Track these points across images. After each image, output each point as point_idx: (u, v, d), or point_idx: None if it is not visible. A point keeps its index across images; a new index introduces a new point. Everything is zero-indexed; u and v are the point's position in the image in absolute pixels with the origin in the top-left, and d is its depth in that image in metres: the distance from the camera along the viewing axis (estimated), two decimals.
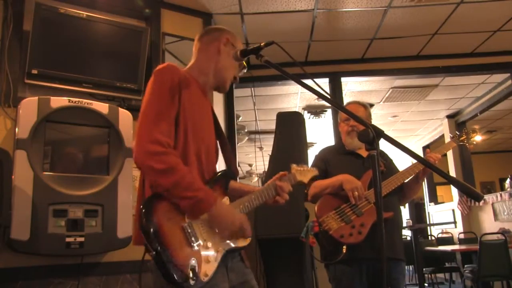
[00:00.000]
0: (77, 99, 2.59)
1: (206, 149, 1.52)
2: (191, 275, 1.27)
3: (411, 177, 2.22)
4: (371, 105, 6.53)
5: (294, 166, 1.72)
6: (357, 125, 2.27)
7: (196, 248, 1.32)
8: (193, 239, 1.33)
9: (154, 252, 1.25)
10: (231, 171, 1.62)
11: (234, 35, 1.67)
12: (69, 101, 2.56)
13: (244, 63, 1.66)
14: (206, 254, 1.34)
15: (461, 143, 2.39)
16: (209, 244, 1.37)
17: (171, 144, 1.36)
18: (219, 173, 1.54)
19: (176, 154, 1.36)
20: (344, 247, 2.02)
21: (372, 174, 2.15)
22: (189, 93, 1.47)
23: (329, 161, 2.32)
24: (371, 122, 2.27)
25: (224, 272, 1.42)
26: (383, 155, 2.32)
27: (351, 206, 2.10)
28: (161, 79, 1.44)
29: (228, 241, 1.42)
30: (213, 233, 1.39)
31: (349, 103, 2.45)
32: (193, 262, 1.29)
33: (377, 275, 2.07)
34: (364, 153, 2.30)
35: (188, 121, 1.44)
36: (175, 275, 1.24)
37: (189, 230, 1.33)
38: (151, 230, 1.26)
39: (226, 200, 1.50)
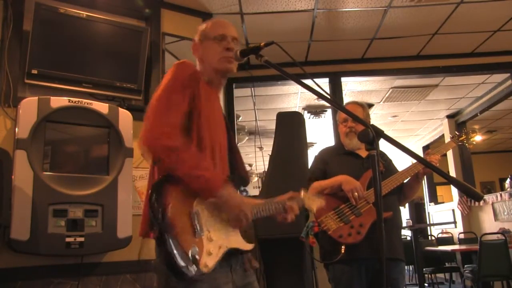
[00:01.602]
0: (77, 99, 2.59)
1: (219, 149, 1.52)
2: (191, 262, 1.25)
3: (410, 177, 2.22)
4: (371, 105, 6.53)
5: (304, 192, 1.73)
6: (355, 126, 2.28)
7: (199, 237, 1.32)
8: (198, 227, 1.32)
9: (158, 233, 1.25)
10: (242, 177, 1.62)
11: (202, 28, 1.66)
12: (69, 101, 2.56)
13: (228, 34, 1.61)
14: (209, 246, 1.33)
15: (461, 143, 2.39)
16: (213, 237, 1.36)
17: (179, 133, 1.37)
18: (230, 177, 1.53)
19: (185, 140, 1.37)
20: (342, 247, 2.02)
21: (371, 174, 2.17)
22: (204, 93, 1.49)
23: (328, 162, 2.32)
24: (369, 122, 2.27)
25: (228, 272, 1.42)
26: (382, 156, 2.32)
27: (350, 207, 2.11)
28: (178, 71, 1.48)
29: (232, 240, 1.42)
30: (220, 226, 1.39)
31: (347, 104, 2.45)
32: (195, 250, 1.28)
33: (376, 275, 2.07)
34: (363, 153, 2.30)
35: (203, 120, 1.46)
36: (176, 259, 1.23)
37: (196, 218, 1.33)
38: (160, 209, 1.26)
39: None
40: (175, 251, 1.24)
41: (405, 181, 2.24)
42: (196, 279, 1.27)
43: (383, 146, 1.65)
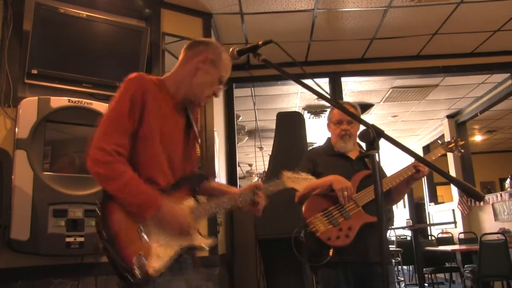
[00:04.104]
0: (77, 99, 2.59)
1: (175, 155, 1.57)
2: (136, 268, 1.33)
3: (400, 181, 2.19)
4: (371, 105, 6.54)
5: (286, 172, 1.75)
6: (350, 128, 2.25)
7: (147, 244, 1.39)
8: (145, 235, 1.40)
9: (103, 245, 1.34)
10: (201, 173, 1.69)
11: (218, 52, 1.65)
12: (69, 101, 2.56)
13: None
14: (157, 250, 1.40)
15: (450, 151, 2.38)
16: (163, 240, 1.42)
17: (121, 152, 1.42)
18: (185, 176, 1.60)
19: (124, 162, 1.42)
20: (330, 249, 2.01)
21: (361, 177, 2.17)
22: (156, 104, 1.52)
23: (318, 162, 2.29)
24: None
25: (177, 272, 1.47)
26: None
27: (339, 209, 2.08)
28: (126, 89, 1.51)
29: (183, 238, 1.47)
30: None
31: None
32: (141, 256, 1.35)
33: (363, 277, 2.08)
34: (353, 155, 2.28)
35: (153, 131, 1.50)
36: (119, 268, 1.34)
37: (142, 226, 1.40)
38: (103, 223, 1.37)
39: (190, 200, 1.55)
40: (118, 261, 1.34)
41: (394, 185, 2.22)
42: (145, 282, 1.35)
43: (384, 146, 1.65)
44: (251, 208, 1.65)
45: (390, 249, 6.84)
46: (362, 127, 1.58)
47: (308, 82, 1.48)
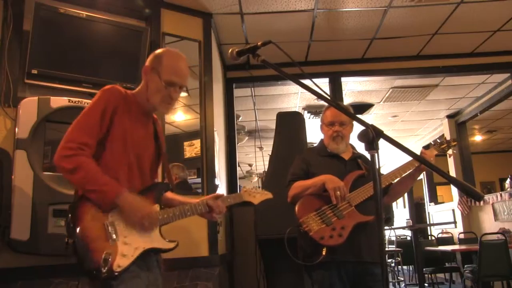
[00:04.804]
0: (77, 99, 2.60)
1: (141, 162, 1.68)
2: (102, 265, 1.43)
3: (396, 181, 2.19)
4: (371, 105, 6.54)
5: (245, 187, 1.93)
6: (342, 130, 2.25)
7: (113, 242, 1.49)
8: (112, 234, 1.50)
9: (72, 241, 1.46)
10: (165, 184, 1.83)
11: (157, 58, 1.72)
12: (69, 101, 2.56)
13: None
14: (123, 249, 1.50)
15: (442, 151, 2.38)
16: (129, 241, 1.53)
17: (85, 150, 1.52)
18: (151, 185, 1.72)
19: (87, 155, 1.52)
20: (324, 249, 2.00)
21: (354, 177, 2.16)
22: (126, 115, 1.63)
23: (311, 163, 2.29)
24: (352, 124, 2.27)
25: (144, 269, 1.57)
26: (365, 160, 2.29)
27: (332, 208, 2.08)
28: (99, 98, 1.63)
29: (149, 241, 1.58)
30: (137, 231, 1.56)
31: (329, 107, 2.40)
32: (107, 254, 1.45)
33: (357, 277, 2.07)
34: (346, 156, 2.28)
35: (122, 139, 1.61)
36: (85, 264, 1.43)
37: (109, 227, 1.51)
38: (72, 222, 1.48)
39: (156, 207, 1.67)
40: (85, 257, 1.44)
41: (392, 184, 2.22)
42: (111, 278, 1.44)
43: (383, 146, 1.65)
44: (208, 215, 1.80)
45: (390, 249, 6.86)
46: (356, 129, 1.58)
47: (307, 82, 1.48)
